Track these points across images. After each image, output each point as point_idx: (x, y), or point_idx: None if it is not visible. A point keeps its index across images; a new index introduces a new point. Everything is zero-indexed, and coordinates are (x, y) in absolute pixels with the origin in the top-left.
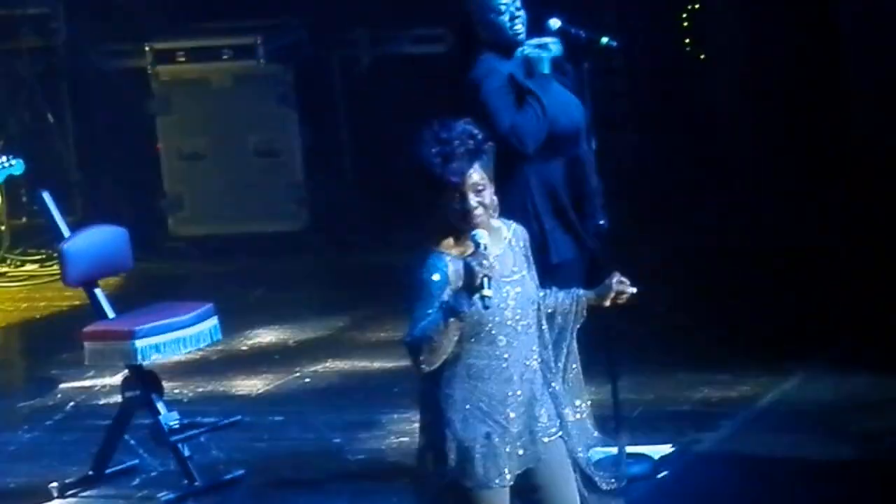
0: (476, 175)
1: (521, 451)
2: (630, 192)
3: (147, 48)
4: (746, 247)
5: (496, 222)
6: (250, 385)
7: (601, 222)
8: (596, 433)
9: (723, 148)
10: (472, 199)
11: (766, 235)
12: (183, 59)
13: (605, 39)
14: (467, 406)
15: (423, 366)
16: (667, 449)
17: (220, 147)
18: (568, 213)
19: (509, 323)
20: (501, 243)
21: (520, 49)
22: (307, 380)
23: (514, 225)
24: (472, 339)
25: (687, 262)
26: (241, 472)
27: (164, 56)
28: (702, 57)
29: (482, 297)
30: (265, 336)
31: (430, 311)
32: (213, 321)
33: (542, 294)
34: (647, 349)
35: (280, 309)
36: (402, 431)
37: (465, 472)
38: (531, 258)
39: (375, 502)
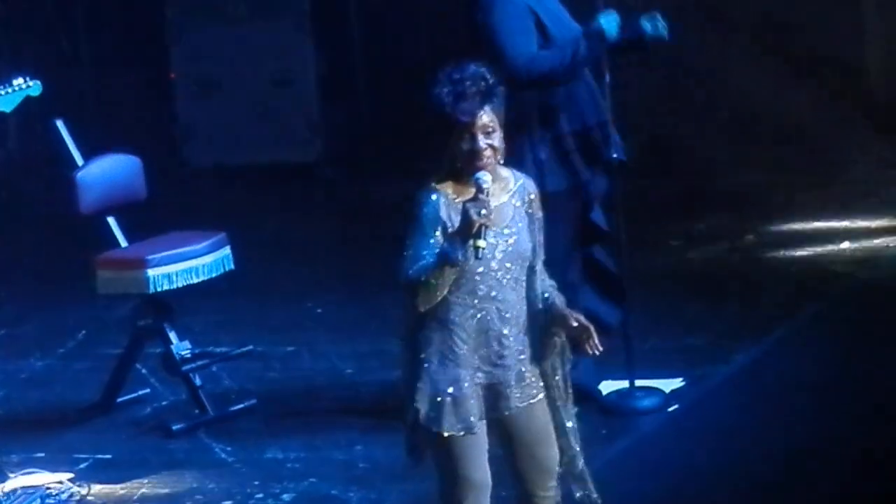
0: (486, 117)
1: (492, 402)
2: (645, 128)
3: None
4: (761, 184)
5: (505, 171)
6: (262, 315)
7: (615, 156)
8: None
9: (738, 89)
10: (482, 141)
11: (779, 173)
12: None
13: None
14: (443, 350)
15: (419, 307)
16: (677, 383)
17: (235, 76)
18: (565, 143)
19: (493, 274)
20: (504, 194)
21: None
22: (319, 310)
23: (523, 179)
24: (455, 285)
25: (701, 197)
26: (252, 401)
27: None
28: None
29: (476, 248)
30: (278, 266)
31: (423, 249)
32: (226, 251)
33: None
34: (660, 283)
35: (293, 238)
36: None
37: (435, 415)
38: (537, 217)
39: (387, 433)
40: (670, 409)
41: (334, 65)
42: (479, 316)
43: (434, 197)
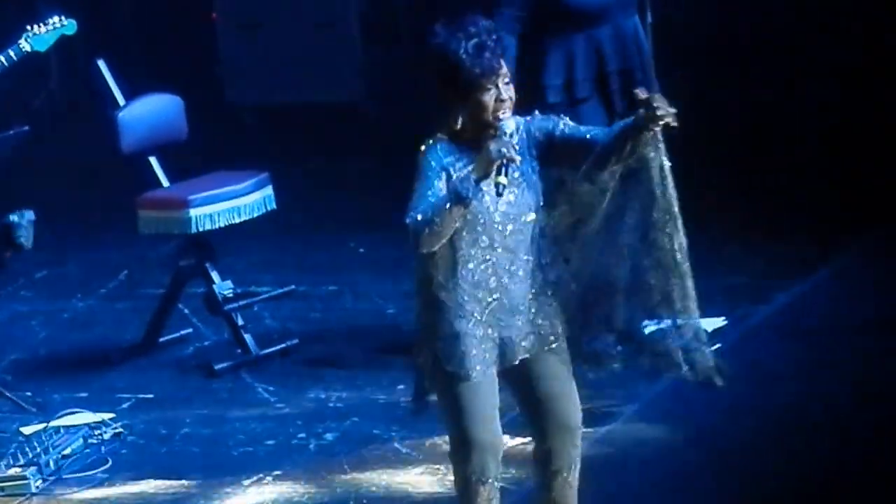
0: (504, 67)
1: (497, 353)
2: (685, 65)
3: None
4: (803, 119)
5: (511, 123)
6: (304, 254)
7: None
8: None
9: (778, 21)
10: (504, 91)
11: (823, 108)
12: None
13: None
14: (452, 297)
15: (422, 248)
16: (720, 322)
17: (277, 16)
18: (610, 81)
19: (496, 226)
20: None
21: None
22: (361, 250)
23: (523, 122)
24: (463, 233)
25: (743, 134)
26: (294, 341)
27: None
28: None
29: (496, 184)
30: (320, 205)
31: (428, 191)
32: (268, 190)
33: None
34: (701, 222)
35: (335, 177)
36: None
37: (447, 358)
38: (537, 151)
39: None
40: (712, 349)
41: (376, 5)
42: (482, 267)
43: (438, 147)
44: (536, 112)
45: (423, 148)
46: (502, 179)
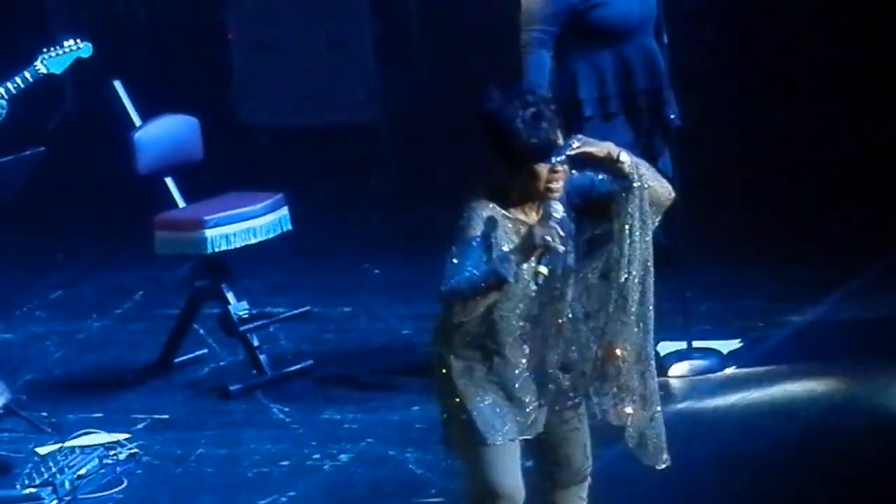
0: (560, 139)
1: (523, 417)
2: (702, 88)
3: None
4: (819, 142)
5: (559, 206)
6: (319, 276)
7: (672, 116)
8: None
9: (795, 48)
10: (557, 164)
11: (837, 132)
12: None
13: None
14: (478, 360)
15: (454, 318)
16: (735, 344)
17: (291, 37)
18: (638, 100)
19: (533, 294)
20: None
21: None
22: (376, 271)
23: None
24: (499, 302)
25: (758, 157)
26: (309, 362)
27: None
28: None
29: (535, 273)
30: (335, 226)
31: (468, 261)
32: (284, 211)
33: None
34: (717, 243)
35: (350, 199)
36: None
37: (468, 421)
38: (574, 213)
39: None
40: (728, 371)
41: (391, 26)
42: (517, 335)
43: (483, 212)
44: (573, 171)
45: (466, 210)
46: (542, 270)
